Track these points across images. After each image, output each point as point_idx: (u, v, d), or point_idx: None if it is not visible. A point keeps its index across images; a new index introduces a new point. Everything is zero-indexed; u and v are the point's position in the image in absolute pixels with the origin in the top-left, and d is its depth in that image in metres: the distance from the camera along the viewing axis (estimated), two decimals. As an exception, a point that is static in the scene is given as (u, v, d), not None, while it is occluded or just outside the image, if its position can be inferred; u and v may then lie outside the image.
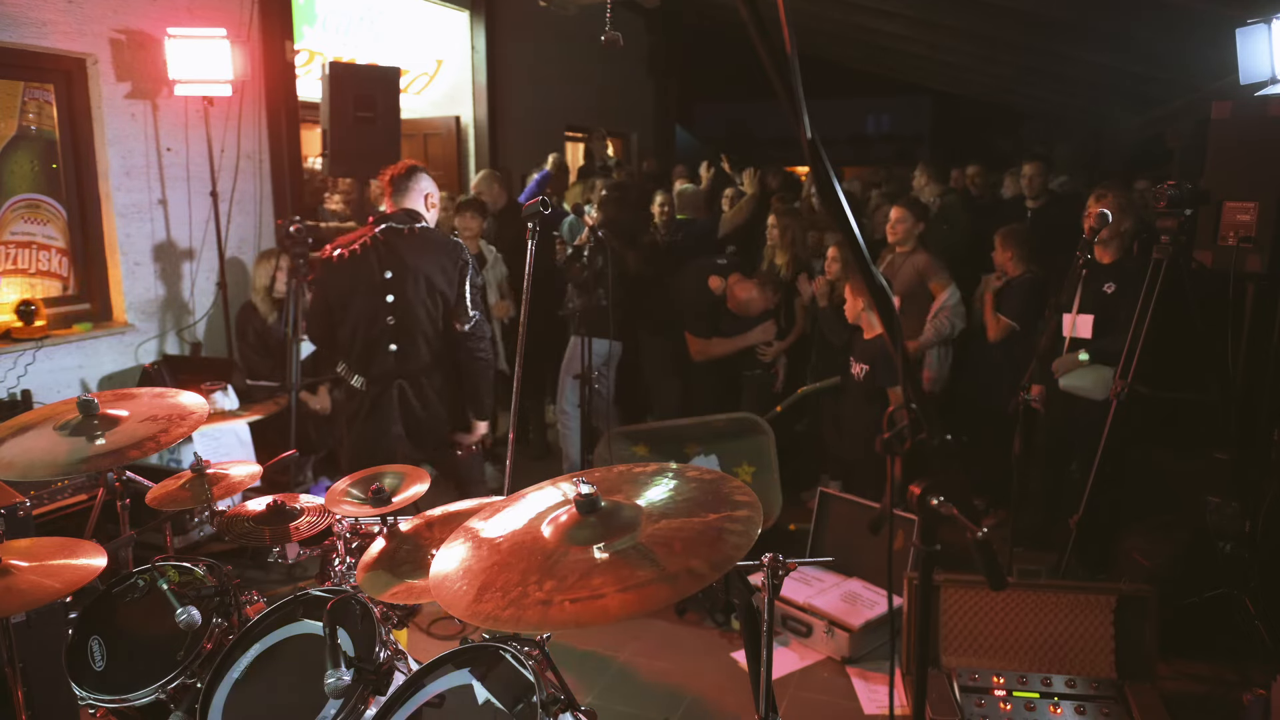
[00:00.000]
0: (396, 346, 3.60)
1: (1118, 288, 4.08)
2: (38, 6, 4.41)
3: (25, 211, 4.65)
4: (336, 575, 2.59)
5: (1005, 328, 4.64)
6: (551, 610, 1.53)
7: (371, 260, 3.55)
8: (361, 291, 3.57)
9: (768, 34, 1.25)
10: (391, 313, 3.57)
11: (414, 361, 3.64)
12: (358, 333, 3.61)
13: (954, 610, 3.29)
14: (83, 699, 2.29)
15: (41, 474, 2.44)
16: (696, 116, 15.28)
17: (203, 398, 2.74)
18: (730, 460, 4.54)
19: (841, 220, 1.32)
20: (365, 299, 3.57)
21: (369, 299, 3.57)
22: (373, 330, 3.59)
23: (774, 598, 1.94)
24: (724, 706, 3.37)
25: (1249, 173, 3.51)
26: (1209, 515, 3.61)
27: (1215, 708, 3.24)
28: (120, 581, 2.49)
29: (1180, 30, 5.64)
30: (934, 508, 1.33)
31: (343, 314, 3.63)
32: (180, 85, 4.88)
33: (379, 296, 3.56)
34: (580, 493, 1.70)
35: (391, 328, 3.59)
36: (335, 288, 3.62)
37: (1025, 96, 10.99)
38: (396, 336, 3.60)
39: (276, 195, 5.71)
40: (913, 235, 4.97)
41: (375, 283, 3.56)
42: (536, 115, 9.36)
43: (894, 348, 1.36)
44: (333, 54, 7.34)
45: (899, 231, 4.97)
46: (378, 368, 3.62)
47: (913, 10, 7.15)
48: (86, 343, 4.73)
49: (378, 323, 3.58)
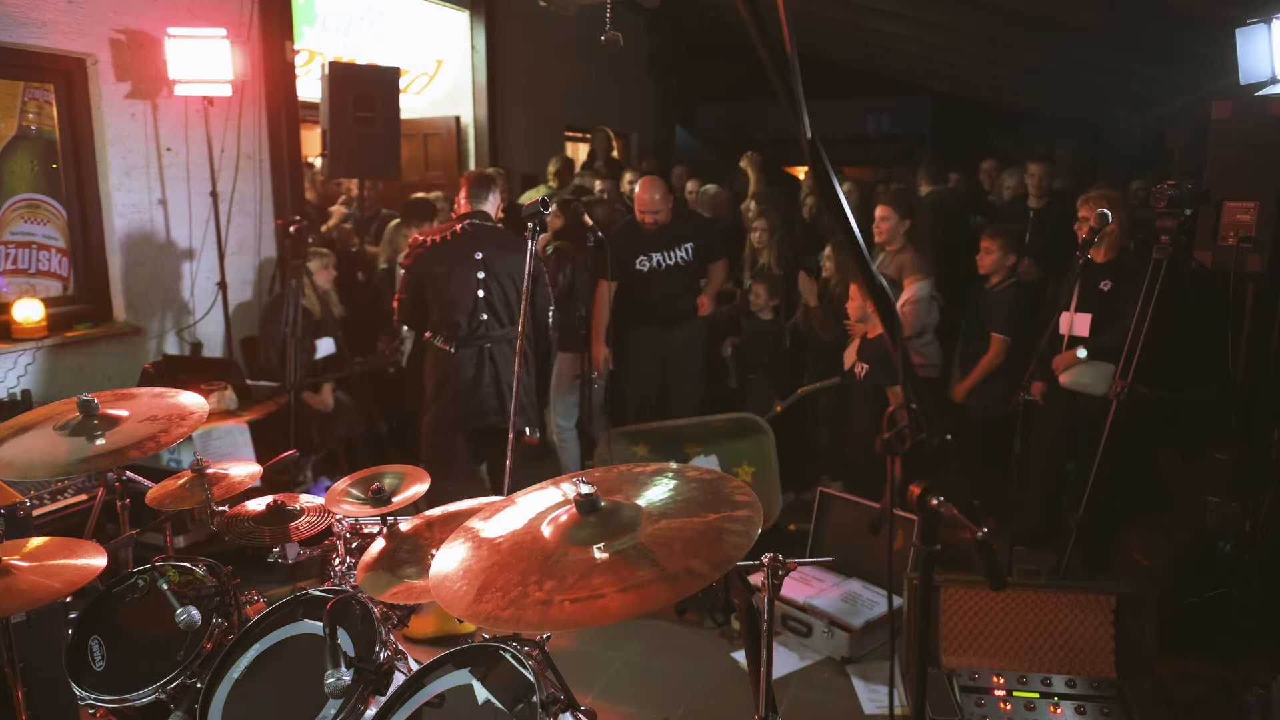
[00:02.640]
0: (487, 316, 4.18)
1: (1114, 285, 4.11)
2: (38, 6, 4.41)
3: (25, 211, 4.65)
4: (336, 575, 2.59)
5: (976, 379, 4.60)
6: (551, 610, 1.53)
7: (466, 241, 4.14)
8: (459, 268, 4.12)
9: (768, 34, 1.25)
10: (483, 287, 4.15)
11: (502, 331, 4.20)
12: (456, 303, 4.14)
13: (954, 610, 3.29)
14: (83, 699, 2.29)
15: (41, 474, 2.44)
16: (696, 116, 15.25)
17: (203, 398, 2.74)
18: (730, 460, 4.54)
19: (841, 220, 1.32)
20: (461, 274, 4.12)
21: (465, 274, 4.13)
22: (468, 300, 4.14)
23: (774, 598, 1.94)
24: (724, 706, 3.37)
25: (1249, 173, 3.51)
26: (1209, 515, 3.61)
27: (1215, 708, 3.24)
28: (120, 581, 2.49)
29: (1180, 30, 5.64)
30: (934, 508, 1.33)
31: (437, 291, 4.15)
32: (180, 85, 4.88)
33: (473, 272, 4.13)
34: (580, 493, 1.70)
35: (483, 299, 4.16)
36: (432, 267, 4.13)
37: (1025, 96, 10.98)
38: (489, 307, 4.18)
39: (276, 195, 5.70)
40: (899, 234, 4.84)
41: (470, 260, 4.13)
42: (536, 115, 9.36)
43: (894, 347, 1.36)
44: (333, 54, 7.34)
45: (883, 230, 4.85)
46: (470, 333, 4.17)
47: (913, 10, 7.14)
48: (86, 343, 4.73)
49: (471, 294, 4.14)
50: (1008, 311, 4.51)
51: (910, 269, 4.81)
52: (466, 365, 4.18)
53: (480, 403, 4.19)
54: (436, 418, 4.28)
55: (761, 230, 5.39)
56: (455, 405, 4.21)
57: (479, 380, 4.19)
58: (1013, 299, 4.53)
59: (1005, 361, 4.52)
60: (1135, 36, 6.29)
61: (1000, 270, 4.56)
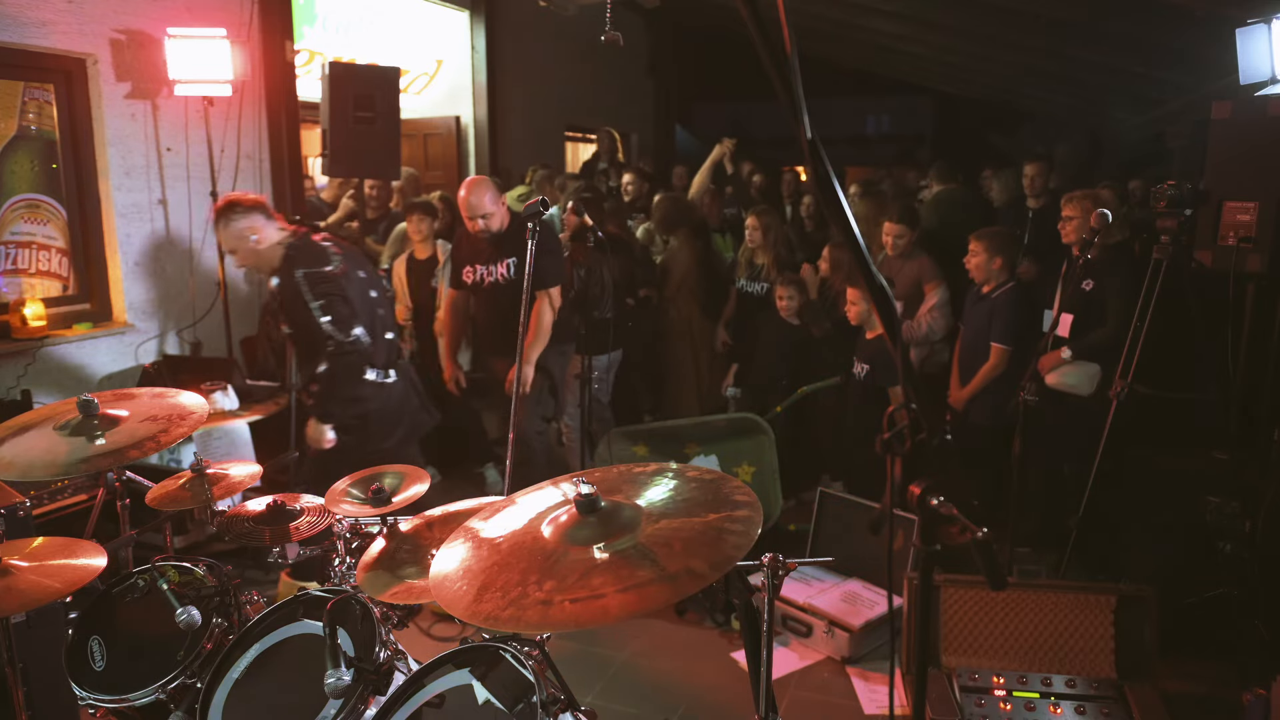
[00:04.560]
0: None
1: (1095, 283, 4.12)
2: (38, 6, 4.41)
3: (25, 211, 4.64)
4: (336, 575, 2.59)
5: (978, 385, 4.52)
6: (551, 610, 1.53)
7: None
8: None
9: (768, 34, 1.24)
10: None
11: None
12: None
13: (954, 610, 3.29)
14: (83, 699, 2.29)
15: (41, 474, 2.44)
16: (696, 116, 15.25)
17: (203, 398, 2.74)
18: (730, 460, 4.54)
19: (841, 221, 1.31)
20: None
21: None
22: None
23: (774, 598, 1.94)
24: (724, 706, 3.36)
25: (1249, 173, 3.50)
26: (1209, 515, 3.61)
27: (1215, 708, 3.23)
28: (120, 581, 2.49)
29: (1180, 30, 5.64)
30: (934, 508, 1.33)
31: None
32: (180, 85, 4.88)
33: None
34: (580, 493, 1.70)
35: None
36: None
37: (1025, 96, 10.99)
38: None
39: (276, 195, 5.70)
40: (908, 244, 5.02)
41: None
42: (536, 115, 9.36)
43: (894, 347, 1.36)
44: (333, 54, 7.34)
45: (901, 246, 5.00)
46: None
47: (912, 10, 7.15)
48: (86, 343, 4.73)
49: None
50: (1005, 320, 4.37)
51: (930, 275, 4.95)
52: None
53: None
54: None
55: (755, 229, 5.38)
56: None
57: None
58: (1011, 306, 4.39)
59: (1005, 369, 4.40)
60: (1135, 36, 6.29)
61: (989, 274, 4.41)
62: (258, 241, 3.55)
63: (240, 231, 3.53)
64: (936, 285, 4.92)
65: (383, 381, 3.74)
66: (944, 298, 4.92)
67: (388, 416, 3.79)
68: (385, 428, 3.78)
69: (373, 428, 3.74)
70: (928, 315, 4.91)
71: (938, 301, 4.91)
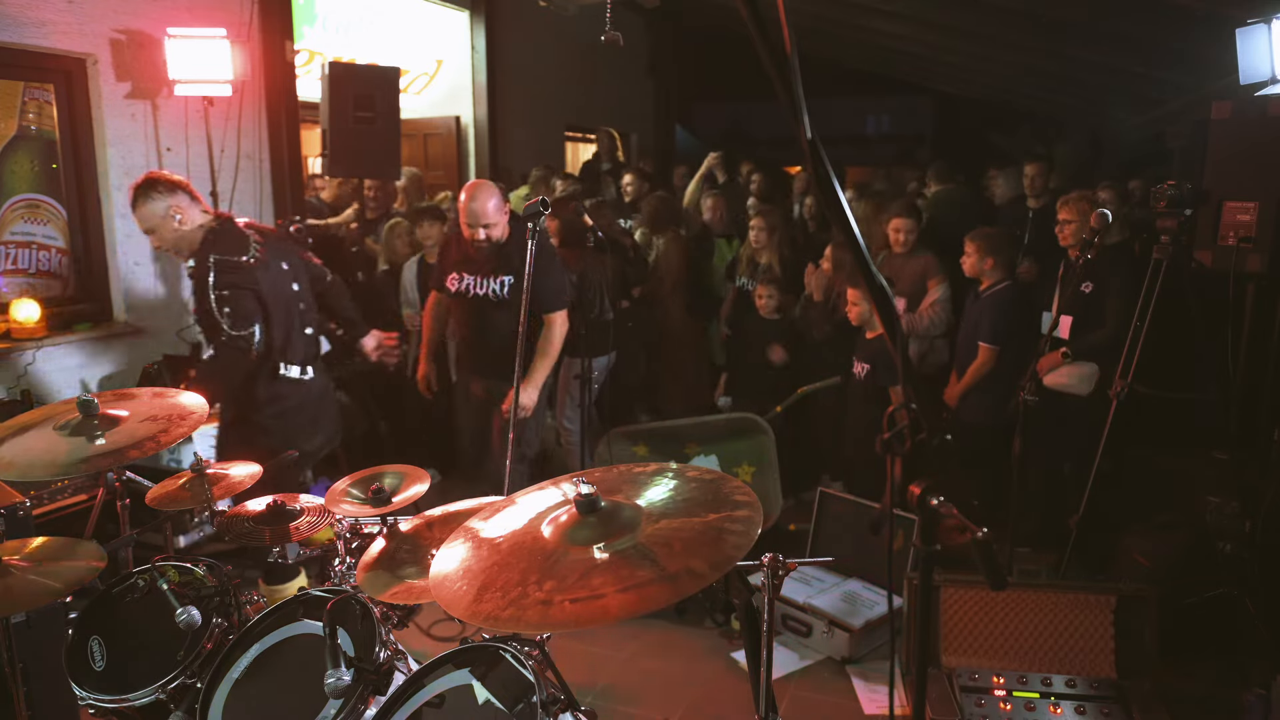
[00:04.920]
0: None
1: (1095, 285, 4.11)
2: (38, 6, 4.41)
3: (25, 211, 4.65)
4: (336, 575, 2.59)
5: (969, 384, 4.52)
6: (551, 610, 1.53)
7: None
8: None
9: (768, 34, 1.24)
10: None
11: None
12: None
13: (954, 610, 3.29)
14: (83, 699, 2.29)
15: (41, 474, 2.44)
16: (696, 116, 15.25)
17: (203, 398, 2.74)
18: (730, 460, 4.54)
19: (841, 221, 1.32)
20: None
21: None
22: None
23: (774, 598, 1.94)
24: (724, 706, 3.37)
25: (1249, 173, 3.51)
26: (1209, 515, 3.62)
27: (1215, 708, 3.23)
28: (120, 581, 2.49)
29: (1180, 30, 5.64)
30: (934, 508, 1.33)
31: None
32: (180, 85, 4.88)
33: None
34: (580, 493, 1.70)
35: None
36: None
37: (1025, 96, 10.98)
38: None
39: (276, 195, 5.70)
40: (913, 240, 5.08)
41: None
42: (536, 115, 9.36)
43: (894, 347, 1.36)
44: (333, 54, 7.33)
45: (910, 243, 5.04)
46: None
47: (912, 10, 7.15)
48: (86, 343, 4.73)
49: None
50: (991, 320, 4.36)
51: (934, 271, 5.00)
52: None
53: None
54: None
55: (760, 230, 5.38)
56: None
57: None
58: (998, 306, 4.37)
59: (997, 369, 4.37)
60: (1135, 36, 6.29)
61: (984, 274, 4.41)
62: (181, 222, 3.46)
63: (163, 211, 3.44)
64: (940, 281, 4.97)
65: (300, 379, 3.71)
66: (946, 294, 4.96)
67: (306, 413, 3.76)
68: (306, 426, 3.76)
69: (291, 426, 3.69)
70: (930, 309, 4.96)
71: (940, 296, 4.95)
